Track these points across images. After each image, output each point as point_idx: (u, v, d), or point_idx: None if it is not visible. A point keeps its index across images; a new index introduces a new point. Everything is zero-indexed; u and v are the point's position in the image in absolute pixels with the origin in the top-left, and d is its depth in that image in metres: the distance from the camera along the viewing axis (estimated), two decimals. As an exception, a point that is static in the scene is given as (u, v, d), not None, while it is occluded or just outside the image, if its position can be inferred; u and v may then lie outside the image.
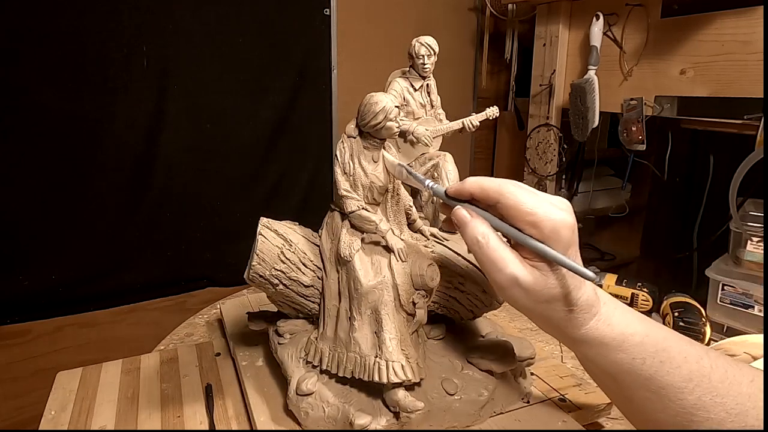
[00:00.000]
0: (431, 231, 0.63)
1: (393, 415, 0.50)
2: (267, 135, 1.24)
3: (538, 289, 0.38)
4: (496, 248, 0.39)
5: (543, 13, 1.24)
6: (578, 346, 0.41)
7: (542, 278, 0.38)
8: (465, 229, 0.41)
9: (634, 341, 0.39)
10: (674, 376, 0.38)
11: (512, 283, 0.38)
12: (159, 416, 0.57)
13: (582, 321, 0.39)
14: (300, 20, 1.22)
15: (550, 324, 0.41)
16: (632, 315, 0.41)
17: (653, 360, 0.38)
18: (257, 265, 0.54)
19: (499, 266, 0.38)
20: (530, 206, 0.38)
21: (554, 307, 0.39)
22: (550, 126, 1.27)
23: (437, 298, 0.60)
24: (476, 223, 0.40)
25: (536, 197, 0.39)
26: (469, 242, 0.40)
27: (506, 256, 0.38)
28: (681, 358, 0.38)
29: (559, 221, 0.38)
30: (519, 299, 0.39)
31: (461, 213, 0.41)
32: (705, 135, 1.15)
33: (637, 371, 0.38)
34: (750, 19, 0.88)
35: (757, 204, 0.89)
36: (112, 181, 1.07)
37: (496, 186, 0.40)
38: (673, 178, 1.21)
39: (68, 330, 1.11)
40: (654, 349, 0.39)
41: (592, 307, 0.40)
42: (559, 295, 0.38)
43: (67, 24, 0.96)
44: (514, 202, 0.38)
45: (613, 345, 0.39)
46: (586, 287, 0.40)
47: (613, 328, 0.39)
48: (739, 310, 0.86)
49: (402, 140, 0.79)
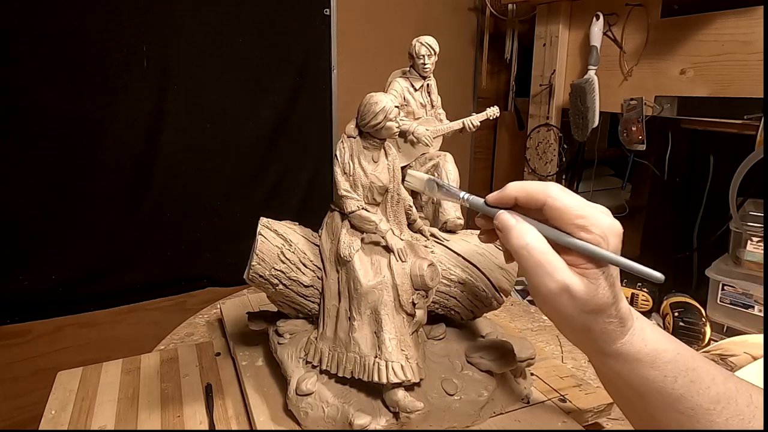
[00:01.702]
0: (431, 231, 0.63)
1: (392, 415, 0.50)
2: (267, 135, 1.24)
3: (587, 297, 0.36)
4: (546, 253, 0.37)
5: (543, 13, 1.24)
6: (610, 360, 0.40)
7: (592, 286, 0.36)
8: (510, 234, 0.38)
9: (666, 358, 0.38)
10: (703, 397, 0.37)
11: (562, 290, 0.37)
12: (159, 416, 0.57)
13: (618, 334, 0.38)
14: (300, 20, 1.22)
15: (588, 337, 0.39)
16: (660, 332, 0.40)
17: (684, 379, 0.37)
18: (257, 265, 0.54)
19: (548, 270, 0.37)
20: (579, 209, 0.37)
21: (598, 319, 0.38)
22: (550, 126, 1.27)
23: (437, 298, 0.60)
24: (522, 226, 0.38)
25: (584, 201, 0.38)
26: (515, 247, 0.38)
27: (556, 262, 0.37)
28: (710, 378, 0.38)
29: (608, 226, 0.37)
30: (564, 308, 0.37)
31: (505, 217, 0.39)
32: (705, 135, 1.15)
33: (668, 390, 0.37)
34: (750, 19, 0.88)
35: (757, 204, 0.89)
36: (112, 181, 1.07)
37: (542, 188, 0.38)
38: (673, 178, 1.21)
39: (68, 330, 1.11)
40: (684, 367, 0.38)
41: (628, 320, 0.39)
42: (605, 305, 0.37)
43: (67, 24, 0.96)
44: (562, 205, 0.37)
45: (647, 361, 0.38)
46: (622, 300, 0.38)
47: (647, 344, 0.38)
48: (739, 310, 0.86)
49: (402, 140, 0.79)
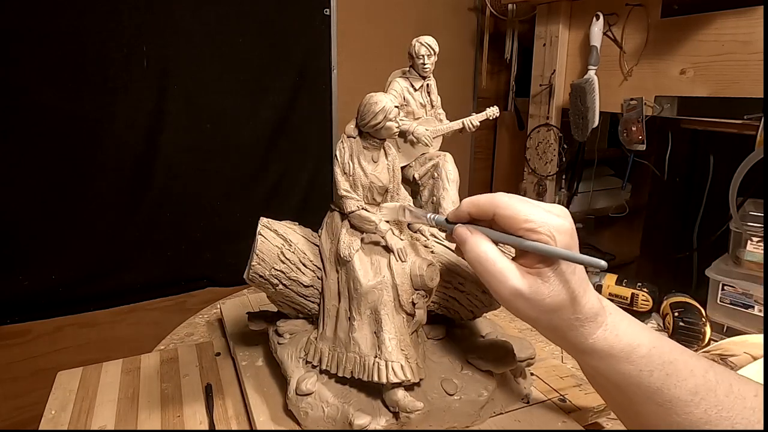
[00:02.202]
0: (431, 231, 0.63)
1: (392, 415, 0.50)
2: (267, 135, 1.24)
3: (541, 298, 0.38)
4: (496, 261, 0.39)
5: (543, 13, 1.24)
6: (586, 357, 0.41)
7: (544, 286, 0.38)
8: (465, 246, 0.41)
9: (642, 353, 0.39)
10: (681, 389, 0.37)
11: (514, 294, 0.38)
12: (159, 416, 0.57)
13: (589, 331, 0.39)
14: (300, 20, 1.22)
15: (557, 334, 0.41)
16: (638, 325, 0.41)
17: (660, 372, 0.38)
18: (257, 265, 0.54)
19: (499, 279, 0.39)
20: (525, 214, 0.38)
21: (560, 316, 0.39)
22: (550, 126, 1.27)
23: (437, 299, 0.60)
24: (476, 238, 0.41)
25: (531, 205, 0.39)
26: (469, 259, 0.41)
27: (506, 268, 0.39)
28: (687, 371, 0.38)
29: (555, 226, 0.38)
30: (523, 310, 0.39)
31: (461, 230, 0.42)
32: (705, 135, 1.15)
33: (645, 384, 0.38)
34: (750, 19, 0.88)
35: (757, 204, 0.88)
36: (112, 181, 1.07)
37: (488, 199, 0.40)
38: (673, 178, 1.21)
39: (68, 330, 1.11)
40: (661, 361, 0.38)
41: (598, 315, 0.39)
42: (562, 302, 0.38)
43: (67, 24, 0.96)
44: (510, 212, 0.39)
45: (621, 356, 0.39)
46: (590, 295, 0.39)
47: (621, 339, 0.39)
48: (739, 310, 0.86)
49: (402, 140, 0.79)
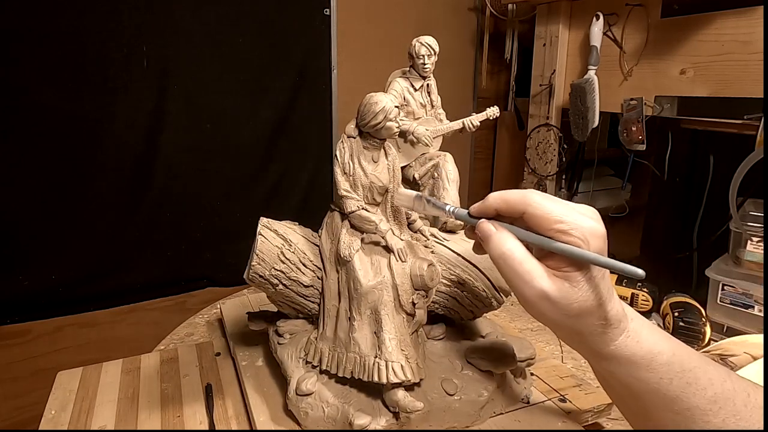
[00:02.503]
0: (431, 231, 0.63)
1: (392, 415, 0.50)
2: (267, 135, 1.24)
3: (568, 302, 0.36)
4: (523, 261, 0.37)
5: (543, 13, 1.24)
6: (605, 363, 0.40)
7: (572, 290, 0.36)
8: (489, 243, 0.39)
9: (662, 360, 0.38)
10: (700, 398, 0.37)
11: (541, 297, 0.37)
12: (159, 416, 0.57)
13: (611, 337, 0.38)
14: (300, 20, 1.22)
15: (579, 340, 0.39)
16: (658, 332, 0.40)
17: (680, 381, 0.37)
18: (257, 265, 0.54)
19: (526, 279, 0.37)
20: (558, 214, 0.37)
21: (584, 321, 0.37)
22: (550, 126, 1.27)
23: (437, 299, 0.60)
24: (501, 235, 0.39)
25: (564, 206, 0.38)
26: (494, 256, 0.39)
27: (533, 269, 0.37)
28: (706, 379, 0.37)
29: (588, 229, 0.36)
30: (547, 313, 0.38)
31: (486, 226, 0.40)
32: (705, 135, 1.15)
33: (663, 392, 0.37)
34: (750, 19, 0.88)
35: (757, 204, 0.89)
36: (112, 181, 1.07)
37: (520, 196, 0.38)
38: (673, 178, 1.21)
39: (68, 330, 1.11)
40: (681, 369, 0.38)
41: (621, 321, 0.38)
42: (589, 308, 0.37)
43: (67, 24, 0.96)
44: (541, 212, 0.37)
45: (642, 363, 0.38)
46: (614, 301, 0.38)
47: (642, 346, 0.38)
48: (739, 310, 0.86)
49: (402, 140, 0.79)
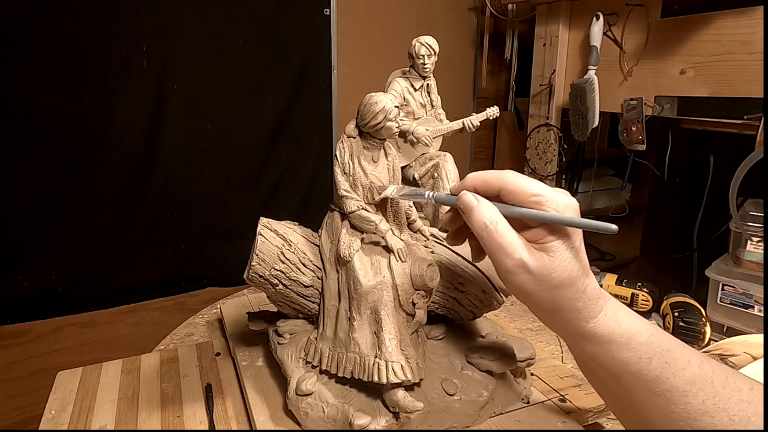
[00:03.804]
0: (431, 231, 0.63)
1: (392, 415, 0.50)
2: (267, 135, 1.24)
3: (547, 273, 0.37)
4: (504, 233, 0.38)
5: (543, 13, 1.24)
6: (585, 342, 0.40)
7: (550, 261, 0.38)
8: (472, 214, 0.40)
9: (641, 340, 0.38)
10: (679, 378, 0.37)
11: (521, 268, 0.38)
12: (159, 416, 0.57)
13: (591, 313, 0.39)
14: (300, 20, 1.22)
15: (557, 316, 0.40)
16: (634, 314, 0.41)
17: (659, 360, 0.38)
18: (257, 265, 0.54)
19: (507, 251, 0.38)
20: (534, 188, 0.38)
21: (563, 294, 0.38)
22: (550, 126, 1.27)
23: (437, 299, 0.60)
24: (484, 207, 0.39)
25: (538, 182, 0.39)
26: (476, 227, 0.40)
27: (514, 241, 0.38)
28: (684, 360, 0.38)
29: (563, 203, 0.38)
30: (527, 285, 0.38)
31: (468, 197, 0.40)
32: (705, 135, 1.15)
33: (643, 372, 0.38)
34: (750, 19, 0.88)
35: (757, 204, 0.89)
36: (112, 181, 1.07)
37: (496, 175, 0.40)
38: (673, 178, 1.22)
39: (68, 330, 1.11)
40: (660, 348, 0.38)
41: (599, 298, 0.39)
42: (567, 279, 0.38)
43: (67, 24, 0.96)
44: (518, 187, 0.39)
45: (621, 342, 0.38)
46: (591, 278, 0.39)
47: (621, 324, 0.39)
48: (739, 310, 0.86)
49: (402, 140, 0.79)
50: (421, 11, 1.45)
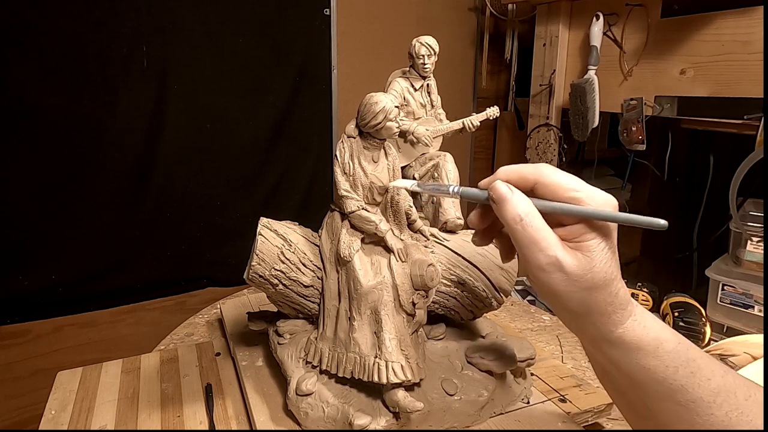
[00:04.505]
0: (431, 231, 0.63)
1: (392, 415, 0.50)
2: (267, 135, 1.24)
3: (582, 273, 0.35)
4: (540, 228, 0.36)
5: (543, 13, 1.24)
6: (610, 348, 0.38)
7: (585, 261, 0.36)
8: (505, 206, 0.37)
9: (668, 348, 0.37)
10: (704, 389, 0.36)
11: (554, 266, 0.36)
12: (159, 416, 0.57)
13: (620, 319, 0.37)
14: (300, 20, 1.22)
15: (587, 319, 0.38)
16: (660, 321, 0.39)
17: (685, 370, 0.36)
18: (257, 265, 0.54)
19: (541, 246, 0.36)
20: (571, 184, 0.37)
21: (596, 297, 0.36)
22: (550, 126, 1.27)
23: (437, 299, 0.60)
24: (518, 198, 0.37)
25: (576, 178, 0.37)
26: (509, 220, 0.37)
27: (549, 237, 0.36)
28: (709, 370, 0.37)
29: (602, 199, 0.36)
30: (558, 285, 0.36)
31: (502, 188, 0.38)
32: (705, 135, 1.16)
33: (669, 381, 0.36)
34: (750, 19, 0.88)
35: (757, 204, 0.89)
36: (112, 181, 1.07)
37: (532, 168, 0.38)
38: (673, 178, 1.22)
39: (68, 330, 1.11)
40: (686, 358, 0.37)
41: (629, 304, 0.38)
42: (602, 281, 0.36)
43: (67, 24, 0.96)
44: (555, 181, 0.37)
45: (649, 350, 0.37)
46: (622, 282, 0.38)
47: (648, 332, 0.37)
48: (739, 310, 0.86)
49: (402, 140, 0.79)
50: (421, 11, 1.45)
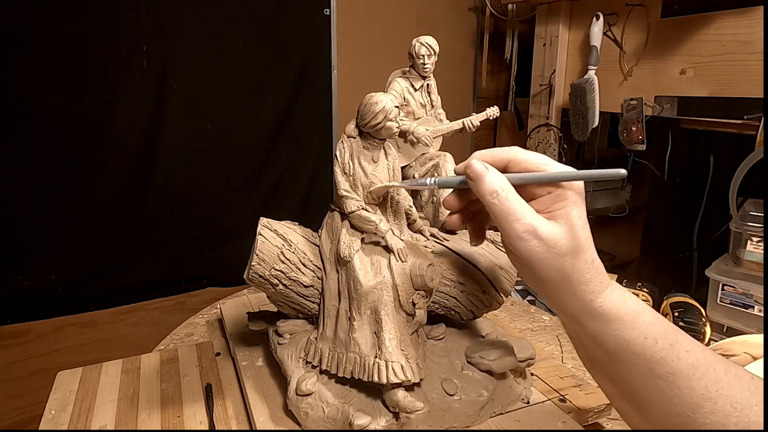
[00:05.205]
0: (431, 231, 0.63)
1: (392, 415, 0.50)
2: (267, 135, 1.24)
3: (557, 238, 0.38)
4: (514, 200, 0.39)
5: (543, 13, 1.24)
6: (590, 320, 0.40)
7: (559, 228, 0.38)
8: (482, 182, 0.40)
9: (646, 319, 0.39)
10: (683, 361, 0.37)
11: (531, 233, 0.38)
12: (159, 416, 0.57)
13: (598, 287, 0.39)
14: (300, 20, 1.22)
15: (566, 288, 0.40)
16: (634, 297, 0.41)
17: (664, 341, 0.38)
18: (257, 265, 0.54)
19: (517, 216, 0.38)
20: (541, 159, 0.40)
21: (573, 264, 0.38)
22: (550, 126, 1.28)
23: (437, 299, 0.60)
24: (493, 175, 0.40)
25: (544, 156, 0.41)
26: (486, 195, 0.40)
27: (524, 208, 0.39)
28: (688, 343, 0.38)
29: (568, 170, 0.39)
30: (536, 252, 0.38)
31: (479, 166, 0.41)
32: (705, 135, 1.16)
33: (648, 353, 0.38)
34: (750, 19, 0.88)
35: (757, 204, 0.89)
36: (112, 181, 1.07)
37: (504, 149, 0.42)
38: (673, 178, 1.22)
39: (68, 330, 1.11)
40: (663, 330, 0.38)
41: (605, 275, 0.40)
42: (577, 247, 0.38)
43: (67, 24, 0.96)
44: (525, 157, 0.41)
45: (627, 320, 0.38)
46: (597, 254, 0.40)
47: (626, 302, 0.39)
48: (739, 310, 0.86)
49: (402, 140, 0.79)
50: (421, 11, 1.45)
